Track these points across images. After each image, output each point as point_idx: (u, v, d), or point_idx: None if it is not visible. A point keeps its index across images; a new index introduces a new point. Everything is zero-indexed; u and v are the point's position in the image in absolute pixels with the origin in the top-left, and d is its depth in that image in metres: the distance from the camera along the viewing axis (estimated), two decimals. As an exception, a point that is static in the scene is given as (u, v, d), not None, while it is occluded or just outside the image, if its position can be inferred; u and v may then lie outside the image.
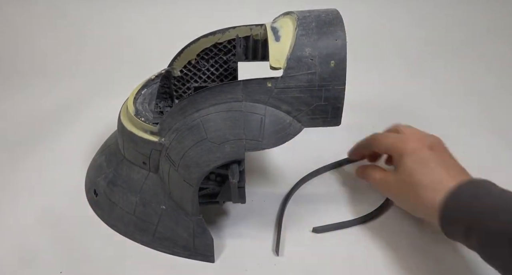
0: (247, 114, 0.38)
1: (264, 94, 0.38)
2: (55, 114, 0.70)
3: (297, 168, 0.54)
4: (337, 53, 0.37)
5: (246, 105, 0.38)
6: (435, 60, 0.89)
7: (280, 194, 0.50)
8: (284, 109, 0.39)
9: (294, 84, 0.38)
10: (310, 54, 0.37)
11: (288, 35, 0.38)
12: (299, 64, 0.37)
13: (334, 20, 0.38)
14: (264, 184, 0.53)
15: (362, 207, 0.48)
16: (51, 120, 0.68)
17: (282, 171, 0.55)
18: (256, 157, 0.58)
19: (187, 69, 0.52)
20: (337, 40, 0.37)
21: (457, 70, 0.84)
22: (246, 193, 0.41)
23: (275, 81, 0.38)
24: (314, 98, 0.38)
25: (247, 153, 0.38)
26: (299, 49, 0.37)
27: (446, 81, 0.80)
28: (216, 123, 0.38)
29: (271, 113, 0.38)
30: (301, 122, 0.39)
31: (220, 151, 0.38)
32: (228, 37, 0.48)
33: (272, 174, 0.55)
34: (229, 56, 0.50)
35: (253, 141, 0.38)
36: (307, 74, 0.37)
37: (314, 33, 0.37)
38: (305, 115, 0.39)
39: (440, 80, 0.81)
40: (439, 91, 0.77)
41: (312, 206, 0.49)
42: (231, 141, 0.38)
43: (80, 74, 0.84)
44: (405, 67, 0.86)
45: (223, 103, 0.38)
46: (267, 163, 0.57)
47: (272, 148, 0.38)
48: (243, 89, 0.38)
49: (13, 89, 0.79)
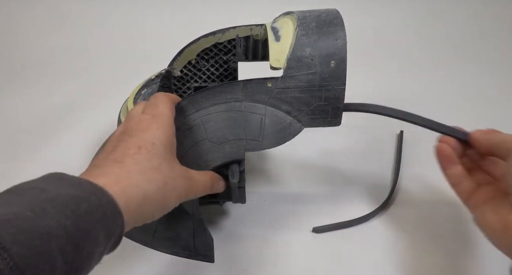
0: (247, 114, 0.38)
1: (264, 94, 0.38)
2: (55, 114, 0.70)
3: (297, 168, 0.54)
4: (337, 53, 0.37)
5: (246, 105, 0.38)
6: (436, 60, 0.89)
7: (280, 193, 0.50)
8: (284, 109, 0.39)
9: (294, 84, 0.38)
10: (310, 54, 0.37)
11: (288, 35, 0.38)
12: (299, 64, 0.37)
13: (334, 20, 0.38)
14: (264, 184, 0.53)
15: (362, 207, 0.48)
16: (50, 120, 0.68)
17: (282, 171, 0.55)
18: (255, 156, 0.58)
19: (187, 69, 0.52)
20: (337, 40, 0.37)
21: (458, 70, 0.84)
22: (246, 192, 0.41)
23: (275, 81, 0.38)
24: (314, 98, 0.38)
25: (247, 153, 0.38)
26: (299, 49, 0.37)
27: (447, 82, 0.80)
28: (216, 123, 0.38)
29: (271, 113, 0.38)
30: (301, 122, 0.39)
31: (220, 150, 0.38)
32: (228, 37, 0.48)
33: (272, 173, 0.55)
34: (229, 56, 0.50)
35: (253, 141, 0.38)
36: (307, 74, 0.37)
37: (314, 33, 0.37)
38: (305, 115, 0.39)
39: (441, 80, 0.81)
40: (440, 91, 0.77)
41: (312, 206, 0.49)
42: (231, 140, 0.38)
43: (80, 74, 0.84)
44: (406, 67, 0.86)
45: (223, 103, 0.38)
46: (267, 162, 0.57)
47: (272, 147, 0.38)
48: (243, 89, 0.38)
49: (13, 89, 0.79)
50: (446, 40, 0.95)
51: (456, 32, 0.97)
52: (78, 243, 0.21)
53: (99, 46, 0.92)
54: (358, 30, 0.83)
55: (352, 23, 0.49)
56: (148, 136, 0.30)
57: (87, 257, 0.22)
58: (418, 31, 0.97)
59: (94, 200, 0.23)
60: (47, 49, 0.91)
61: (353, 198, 0.50)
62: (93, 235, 0.22)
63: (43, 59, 0.89)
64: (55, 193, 0.22)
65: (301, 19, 0.38)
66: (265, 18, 0.50)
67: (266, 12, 0.61)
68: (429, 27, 0.98)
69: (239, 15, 0.83)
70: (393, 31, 0.97)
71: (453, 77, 0.81)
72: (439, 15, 1.00)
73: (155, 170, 0.28)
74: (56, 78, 0.82)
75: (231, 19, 0.61)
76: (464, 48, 0.92)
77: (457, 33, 0.97)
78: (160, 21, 0.97)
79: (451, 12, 1.00)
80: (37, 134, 0.64)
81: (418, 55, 0.91)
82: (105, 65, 0.87)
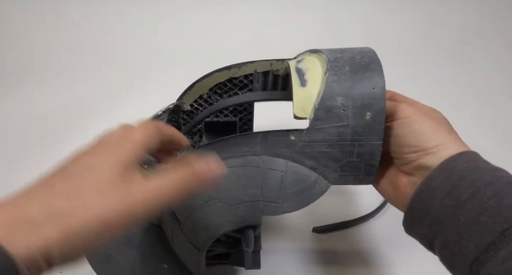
0: (266, 171, 0.33)
1: (286, 148, 0.33)
2: (54, 115, 0.69)
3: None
4: (373, 104, 0.31)
5: (265, 160, 0.33)
6: (436, 60, 0.88)
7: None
8: (309, 165, 0.33)
9: (322, 137, 0.32)
10: (342, 104, 0.31)
11: (316, 80, 0.33)
12: (328, 115, 0.32)
13: (371, 64, 0.32)
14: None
15: (362, 207, 0.48)
16: (50, 121, 0.67)
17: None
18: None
19: (198, 104, 0.47)
20: (375, 88, 0.31)
21: (459, 70, 0.84)
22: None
23: (299, 134, 0.32)
24: (344, 154, 0.32)
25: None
26: (330, 98, 0.31)
27: (447, 82, 0.80)
28: (230, 181, 0.33)
29: (293, 170, 0.33)
30: (328, 179, 0.34)
31: (232, 213, 0.32)
32: (245, 72, 0.43)
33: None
34: (245, 91, 0.45)
35: (272, 203, 0.32)
36: (337, 127, 0.32)
37: (348, 80, 0.32)
38: (333, 172, 0.33)
39: (441, 80, 0.80)
40: (440, 91, 0.76)
41: (312, 206, 0.45)
42: (246, 202, 0.32)
43: (81, 76, 0.81)
44: (406, 67, 0.84)
45: (239, 157, 0.33)
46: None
47: (294, 211, 0.32)
48: (261, 142, 0.33)
49: (13, 89, 0.77)
50: (446, 40, 0.94)
51: (456, 32, 0.96)
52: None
53: (101, 47, 0.90)
54: (358, 30, 0.87)
55: (352, 23, 0.47)
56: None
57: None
58: (418, 31, 0.96)
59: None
60: (47, 50, 0.88)
61: (353, 198, 0.50)
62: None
63: (43, 59, 0.86)
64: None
65: (332, 62, 0.33)
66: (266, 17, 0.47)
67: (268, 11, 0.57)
68: (429, 27, 0.97)
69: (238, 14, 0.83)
70: (394, 31, 0.95)
71: (453, 77, 0.81)
72: (439, 15, 0.99)
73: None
74: (55, 79, 0.80)
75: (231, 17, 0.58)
76: (464, 48, 0.92)
77: (457, 33, 0.96)
78: (163, 22, 0.94)
79: (450, 12, 0.99)
80: (37, 134, 0.64)
81: (418, 55, 0.90)
82: (106, 67, 0.84)
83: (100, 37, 0.91)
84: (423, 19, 0.97)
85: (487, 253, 0.24)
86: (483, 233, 0.24)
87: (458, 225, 0.26)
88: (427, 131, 0.31)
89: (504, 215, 0.24)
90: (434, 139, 0.30)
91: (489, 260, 0.24)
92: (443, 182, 0.28)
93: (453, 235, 0.26)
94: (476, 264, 0.25)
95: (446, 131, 0.31)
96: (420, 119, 0.31)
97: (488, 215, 0.25)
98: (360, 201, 0.49)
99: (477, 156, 0.29)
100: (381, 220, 0.47)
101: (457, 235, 0.26)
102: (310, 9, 0.92)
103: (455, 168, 0.28)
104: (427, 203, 0.28)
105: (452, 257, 0.26)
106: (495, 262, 0.24)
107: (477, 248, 0.24)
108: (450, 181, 0.27)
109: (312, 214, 0.47)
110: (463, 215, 0.26)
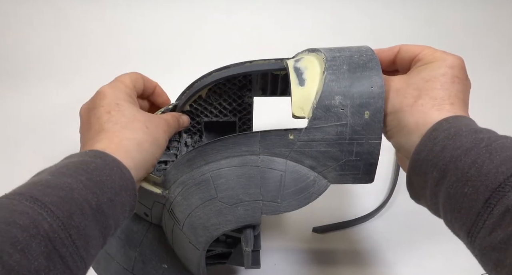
0: (265, 171, 0.33)
1: (284, 147, 0.33)
2: (54, 116, 0.69)
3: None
4: (372, 103, 0.31)
5: (264, 159, 0.33)
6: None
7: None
8: (308, 165, 0.33)
9: (321, 136, 0.32)
10: (340, 103, 0.31)
11: (315, 79, 0.33)
12: (327, 114, 0.32)
13: (369, 62, 0.32)
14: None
15: (362, 207, 0.48)
16: (50, 122, 0.68)
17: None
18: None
19: (197, 104, 0.47)
20: (373, 87, 0.31)
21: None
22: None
23: (298, 133, 0.32)
24: (343, 153, 0.32)
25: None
26: (328, 97, 0.31)
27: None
28: (228, 180, 0.33)
29: (292, 169, 0.33)
30: (327, 179, 0.34)
31: (232, 213, 0.32)
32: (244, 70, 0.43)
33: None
34: (244, 91, 0.45)
35: (271, 203, 0.32)
36: (336, 126, 0.32)
37: (346, 78, 0.32)
38: (332, 171, 0.33)
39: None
40: None
41: (312, 206, 0.45)
42: (245, 202, 0.32)
43: (81, 76, 0.81)
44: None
45: (237, 156, 0.33)
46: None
47: (293, 210, 0.32)
48: (260, 142, 0.33)
49: (13, 89, 0.77)
50: (445, 40, 0.91)
51: (455, 32, 0.95)
52: (96, 191, 0.25)
53: (101, 47, 0.89)
54: (357, 30, 0.87)
55: (351, 23, 0.47)
56: (110, 100, 0.33)
57: (109, 203, 0.26)
58: (418, 31, 0.95)
59: (99, 161, 0.27)
60: (47, 50, 0.88)
61: (353, 198, 0.50)
62: (107, 185, 0.26)
63: (43, 60, 0.86)
64: (67, 162, 0.27)
65: (330, 61, 0.33)
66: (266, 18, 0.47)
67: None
68: (429, 27, 0.96)
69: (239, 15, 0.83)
70: (393, 31, 0.95)
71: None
72: (438, 16, 0.98)
73: (133, 121, 0.32)
74: (55, 79, 0.80)
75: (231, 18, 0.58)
76: (464, 48, 0.89)
77: (456, 33, 0.95)
78: (164, 22, 0.94)
79: (451, 12, 0.98)
80: (37, 134, 0.64)
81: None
82: (106, 66, 0.83)
83: (100, 37, 0.91)
84: (423, 19, 0.97)
85: (477, 225, 0.24)
86: (470, 205, 0.24)
87: (450, 198, 0.26)
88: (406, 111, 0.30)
89: (484, 183, 0.23)
90: (413, 117, 0.30)
91: (479, 232, 0.24)
92: (428, 155, 0.27)
93: (449, 208, 0.26)
94: (471, 236, 0.25)
95: (427, 99, 0.30)
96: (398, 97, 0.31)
97: (471, 185, 0.24)
98: (360, 201, 0.49)
99: (459, 119, 0.28)
100: (381, 220, 0.47)
101: (451, 208, 0.26)
102: (310, 9, 0.92)
103: (437, 138, 0.27)
104: (421, 178, 0.28)
105: (454, 229, 0.27)
106: (484, 233, 0.23)
107: (468, 220, 0.24)
108: (434, 153, 0.27)
109: (312, 214, 0.47)
110: (450, 187, 0.25)
